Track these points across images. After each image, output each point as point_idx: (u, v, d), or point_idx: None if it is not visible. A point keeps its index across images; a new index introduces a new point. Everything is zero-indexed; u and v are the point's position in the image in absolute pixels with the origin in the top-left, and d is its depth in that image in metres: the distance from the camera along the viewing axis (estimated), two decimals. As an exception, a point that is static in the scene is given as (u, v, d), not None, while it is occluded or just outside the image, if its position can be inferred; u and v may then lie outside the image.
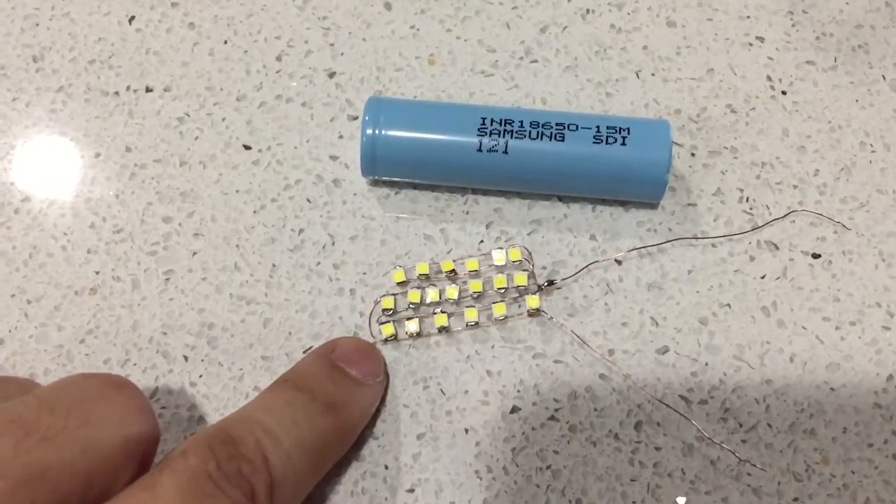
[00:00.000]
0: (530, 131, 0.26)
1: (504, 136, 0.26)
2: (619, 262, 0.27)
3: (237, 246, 0.27)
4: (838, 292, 0.26)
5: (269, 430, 0.21)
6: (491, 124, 0.26)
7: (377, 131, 0.26)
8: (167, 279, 0.27)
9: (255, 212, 0.28)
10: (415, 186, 0.28)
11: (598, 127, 0.26)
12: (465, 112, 0.26)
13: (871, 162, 0.28)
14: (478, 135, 0.26)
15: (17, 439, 0.18)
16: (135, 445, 0.20)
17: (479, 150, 0.26)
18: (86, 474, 0.19)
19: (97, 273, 0.27)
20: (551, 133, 0.26)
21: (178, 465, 0.19)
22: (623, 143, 0.26)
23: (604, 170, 0.26)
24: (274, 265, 0.27)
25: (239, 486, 0.19)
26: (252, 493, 0.19)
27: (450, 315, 0.26)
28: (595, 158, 0.26)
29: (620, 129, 0.26)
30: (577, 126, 0.26)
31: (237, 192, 0.28)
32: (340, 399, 0.23)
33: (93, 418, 0.20)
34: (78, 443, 0.19)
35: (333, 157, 0.29)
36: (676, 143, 0.29)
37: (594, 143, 0.26)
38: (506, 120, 0.26)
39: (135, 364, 0.26)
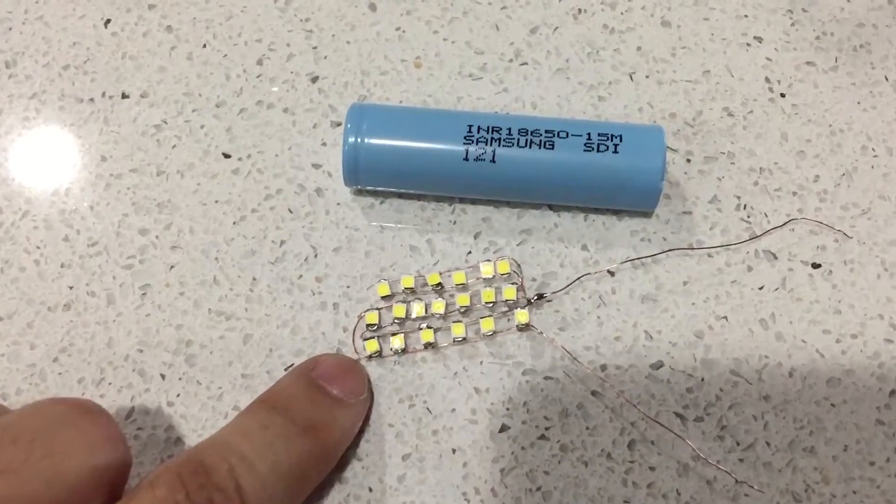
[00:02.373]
0: (518, 139, 0.25)
1: (491, 144, 0.25)
2: (611, 274, 0.26)
3: (216, 259, 0.26)
4: (839, 304, 0.25)
5: (243, 456, 0.20)
6: (478, 132, 0.25)
7: (359, 139, 0.25)
8: (143, 294, 0.26)
9: (234, 223, 0.27)
10: (400, 196, 0.27)
11: (589, 134, 0.25)
12: (451, 119, 0.25)
13: (873, 167, 0.27)
14: (464, 143, 0.25)
15: (-25, 475, 0.17)
16: (103, 474, 0.20)
17: (466, 158, 0.25)
18: (51, 507, 0.19)
19: (71, 288, 0.26)
20: (540, 141, 0.25)
21: (145, 496, 0.19)
22: (615, 151, 0.25)
23: (595, 179, 0.25)
24: (254, 279, 0.26)
25: (210, 518, 0.19)
26: (224, 524, 0.19)
27: (436, 330, 0.25)
28: (586, 167, 0.25)
29: (612, 136, 0.25)
30: (567, 133, 0.25)
31: (216, 202, 0.27)
32: (320, 420, 0.22)
33: (57, 448, 0.19)
34: (41, 475, 0.19)
35: (316, 166, 0.28)
36: (671, 149, 0.28)
37: (585, 150, 0.25)
38: (493, 127, 0.25)
39: (110, 383, 0.25)
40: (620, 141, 0.25)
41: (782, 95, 0.28)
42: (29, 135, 0.28)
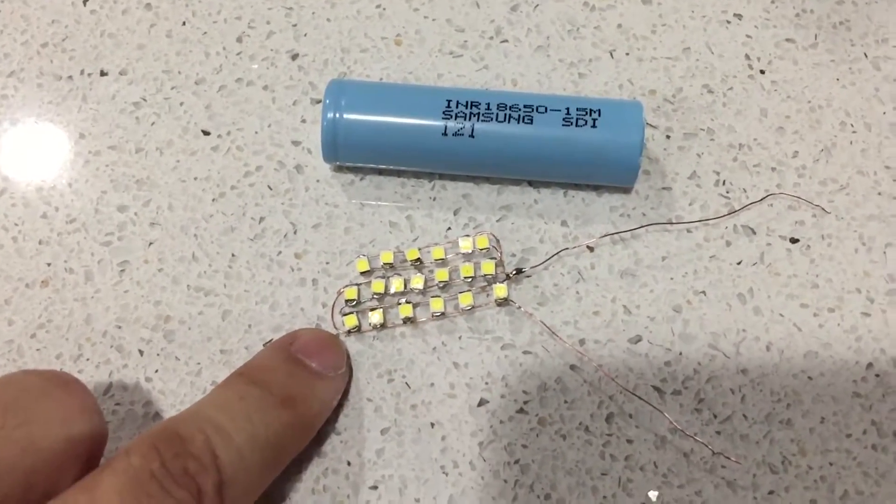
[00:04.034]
0: (497, 114, 0.25)
1: (470, 120, 0.25)
2: (590, 249, 0.26)
3: (195, 235, 0.26)
4: (817, 278, 0.26)
5: (219, 427, 0.20)
6: (456, 107, 0.25)
7: (338, 115, 0.25)
8: (122, 270, 0.26)
9: (213, 200, 0.27)
10: (380, 172, 0.27)
11: (567, 109, 0.25)
12: (430, 94, 0.25)
13: (851, 143, 0.27)
14: (443, 118, 0.25)
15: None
16: (79, 444, 0.20)
17: (445, 133, 0.25)
18: (25, 475, 0.19)
19: (49, 265, 0.26)
20: (519, 115, 0.25)
21: (120, 464, 0.19)
22: (594, 126, 0.25)
23: (574, 153, 0.25)
24: (233, 255, 0.26)
25: (184, 486, 0.19)
26: (199, 493, 0.19)
27: (415, 305, 0.25)
28: (565, 142, 0.25)
29: (591, 110, 0.25)
30: (545, 108, 0.25)
31: (195, 179, 0.27)
32: (298, 393, 0.22)
33: (33, 417, 0.19)
34: (17, 443, 0.19)
35: (296, 143, 0.27)
36: (651, 125, 0.28)
37: (564, 125, 0.25)
38: (472, 102, 0.25)
39: (88, 359, 0.25)
40: (599, 115, 0.25)
41: (762, 72, 0.28)
42: (7, 112, 0.28)
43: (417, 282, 0.25)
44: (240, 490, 0.20)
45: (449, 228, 0.26)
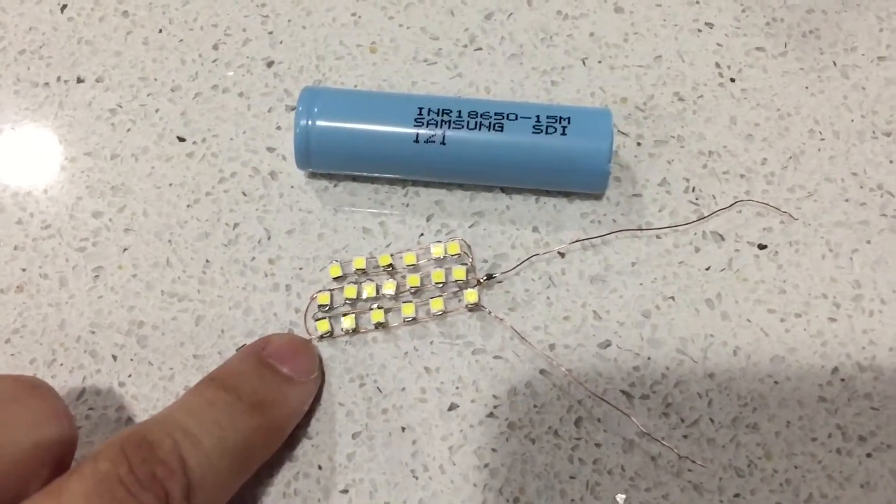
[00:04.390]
0: (468, 121, 0.25)
1: (441, 127, 0.25)
2: (561, 255, 0.26)
3: (169, 241, 0.26)
4: (784, 283, 0.26)
5: (188, 432, 0.20)
6: (428, 114, 0.25)
7: (310, 122, 0.25)
8: (96, 276, 0.26)
9: (188, 206, 0.27)
10: (354, 179, 0.27)
11: (537, 117, 0.25)
12: (402, 102, 0.26)
13: (819, 150, 0.28)
14: (414, 125, 0.25)
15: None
16: (47, 450, 0.20)
17: (416, 140, 0.25)
18: (-7, 480, 0.19)
19: (24, 270, 0.26)
20: (490, 123, 0.25)
21: (87, 469, 0.19)
22: (563, 133, 0.25)
23: (544, 161, 0.25)
24: (207, 261, 0.26)
25: (152, 490, 0.19)
26: (166, 497, 0.19)
27: (387, 311, 0.25)
28: (535, 149, 0.25)
29: (561, 118, 0.25)
30: (516, 116, 0.25)
31: (170, 185, 0.27)
32: (268, 398, 0.22)
33: (1, 422, 0.19)
34: (-16, 448, 0.19)
35: (270, 149, 0.28)
36: (622, 133, 0.28)
37: (534, 133, 0.25)
38: (443, 110, 0.25)
39: (61, 364, 0.25)
40: (569, 123, 0.25)
41: (732, 80, 0.29)
42: (-17, 119, 0.28)
43: (389, 287, 0.25)
44: (208, 495, 0.20)
45: (422, 234, 0.27)
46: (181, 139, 0.28)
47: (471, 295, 0.25)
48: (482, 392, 0.25)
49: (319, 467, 0.24)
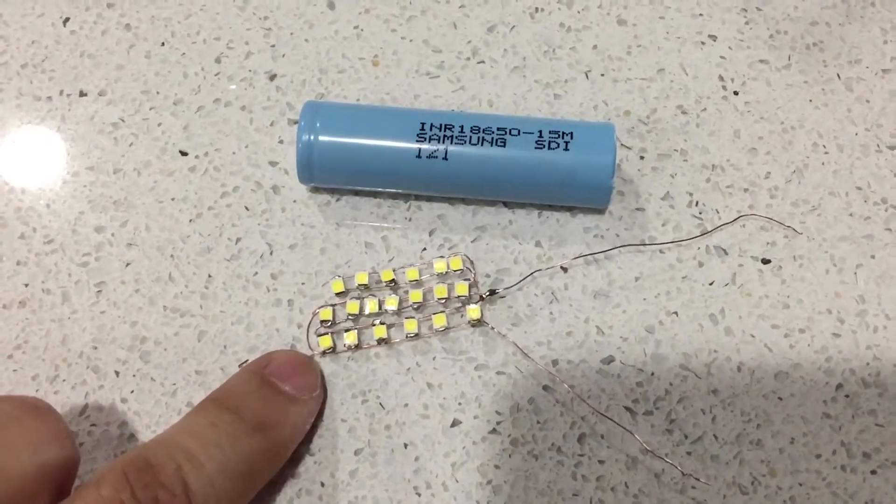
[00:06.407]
0: (471, 136, 0.25)
1: (444, 142, 0.25)
2: (564, 270, 0.26)
3: (172, 256, 0.26)
4: (788, 299, 0.26)
5: (190, 455, 0.20)
6: (430, 129, 0.25)
7: (313, 137, 0.25)
8: (99, 291, 0.26)
9: (190, 220, 0.27)
10: (356, 193, 0.27)
11: (540, 132, 0.25)
12: (404, 117, 0.26)
13: (823, 164, 0.28)
14: (417, 140, 0.25)
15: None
16: (50, 472, 0.20)
17: (419, 156, 0.25)
18: (-6, 503, 0.19)
19: (26, 285, 0.26)
20: (492, 138, 0.25)
21: (90, 495, 0.19)
22: (566, 149, 0.25)
23: (547, 176, 0.25)
24: (210, 276, 0.26)
25: (154, 515, 0.19)
26: (169, 521, 0.19)
27: (389, 326, 0.25)
28: (538, 164, 0.25)
29: (563, 133, 0.25)
30: (518, 131, 0.25)
31: (172, 199, 0.27)
32: (270, 418, 0.22)
33: (2, 444, 0.19)
34: (-14, 471, 0.19)
35: (273, 163, 0.28)
36: (625, 146, 0.28)
37: (536, 148, 0.25)
38: (446, 125, 0.25)
39: (64, 380, 0.25)
40: (571, 138, 0.25)
41: (735, 93, 0.29)
42: (-14, 133, 0.28)
43: (392, 303, 0.25)
44: (211, 517, 0.20)
45: (424, 249, 0.27)
46: (183, 153, 0.28)
47: (473, 311, 0.25)
48: (485, 408, 0.25)
49: (322, 484, 0.24)
